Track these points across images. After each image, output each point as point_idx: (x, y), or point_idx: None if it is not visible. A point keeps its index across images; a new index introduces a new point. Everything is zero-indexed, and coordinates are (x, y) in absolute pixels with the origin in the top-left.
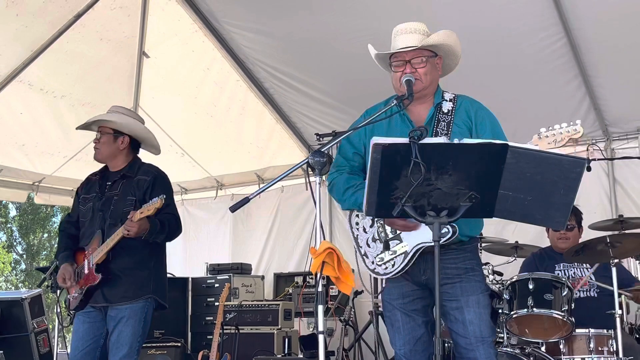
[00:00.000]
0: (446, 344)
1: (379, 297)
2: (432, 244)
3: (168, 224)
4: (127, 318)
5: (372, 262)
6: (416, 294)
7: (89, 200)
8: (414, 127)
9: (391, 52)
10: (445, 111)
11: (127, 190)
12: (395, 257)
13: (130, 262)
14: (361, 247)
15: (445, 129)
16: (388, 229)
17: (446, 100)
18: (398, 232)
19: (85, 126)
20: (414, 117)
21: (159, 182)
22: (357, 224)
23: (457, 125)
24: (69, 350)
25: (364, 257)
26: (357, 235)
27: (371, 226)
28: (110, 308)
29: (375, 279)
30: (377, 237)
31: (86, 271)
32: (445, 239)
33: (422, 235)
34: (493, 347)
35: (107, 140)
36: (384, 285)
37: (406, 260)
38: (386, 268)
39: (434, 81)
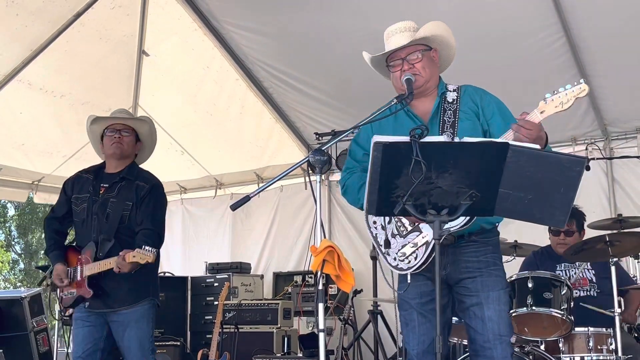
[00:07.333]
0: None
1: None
2: (454, 229)
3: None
4: (135, 321)
5: (395, 259)
6: (434, 293)
7: (83, 201)
8: (422, 121)
9: (385, 52)
10: (450, 100)
11: (125, 194)
12: (417, 249)
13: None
14: (381, 245)
15: (452, 116)
16: (406, 222)
17: (450, 91)
18: (417, 223)
19: (103, 120)
20: (419, 111)
21: (154, 192)
22: (374, 222)
23: (464, 112)
24: (67, 350)
25: (386, 255)
26: (376, 234)
27: (389, 222)
28: (111, 313)
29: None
30: (397, 233)
31: (79, 278)
32: (460, 224)
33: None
34: (510, 347)
35: (131, 141)
36: (399, 281)
37: (429, 251)
38: (409, 262)
39: (434, 74)
